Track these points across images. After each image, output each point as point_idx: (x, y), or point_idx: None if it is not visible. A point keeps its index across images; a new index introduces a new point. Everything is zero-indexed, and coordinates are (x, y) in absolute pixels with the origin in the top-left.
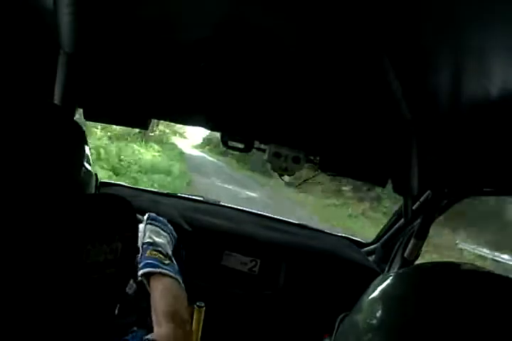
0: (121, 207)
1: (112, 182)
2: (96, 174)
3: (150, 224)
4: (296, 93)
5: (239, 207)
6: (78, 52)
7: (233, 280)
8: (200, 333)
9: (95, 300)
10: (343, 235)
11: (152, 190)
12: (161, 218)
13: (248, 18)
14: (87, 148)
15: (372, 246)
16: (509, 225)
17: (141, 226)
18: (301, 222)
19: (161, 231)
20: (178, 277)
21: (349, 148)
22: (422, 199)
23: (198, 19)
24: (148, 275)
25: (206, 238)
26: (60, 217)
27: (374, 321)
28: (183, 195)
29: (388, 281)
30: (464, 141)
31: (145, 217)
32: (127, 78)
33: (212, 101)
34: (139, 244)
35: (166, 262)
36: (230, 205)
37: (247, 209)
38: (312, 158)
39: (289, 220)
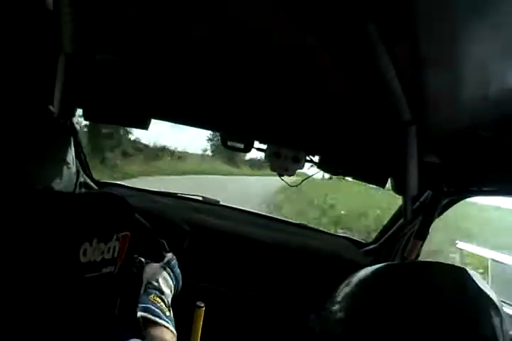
0: (120, 206)
1: (111, 182)
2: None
3: (165, 270)
4: (296, 93)
5: (239, 207)
6: (78, 52)
7: (233, 280)
8: (199, 333)
9: (92, 300)
10: (343, 235)
11: (151, 189)
12: (177, 269)
13: (246, 19)
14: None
15: (371, 246)
16: None
17: (154, 265)
18: (301, 222)
19: (170, 282)
20: (175, 331)
21: (349, 148)
22: (422, 199)
23: (198, 19)
24: (146, 321)
25: (206, 238)
26: (56, 215)
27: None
28: (182, 195)
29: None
30: (464, 140)
31: (168, 256)
32: (127, 78)
33: (212, 101)
34: (144, 280)
35: (167, 314)
36: (229, 205)
37: (246, 209)
38: (312, 157)
39: (289, 220)
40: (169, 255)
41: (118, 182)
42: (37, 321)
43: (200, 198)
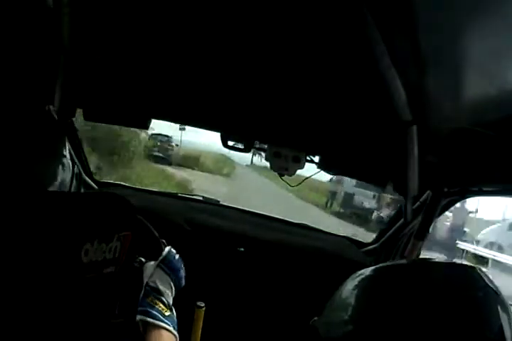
0: (121, 206)
1: (112, 182)
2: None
3: (161, 268)
4: (296, 93)
5: (239, 207)
6: (78, 52)
7: (233, 280)
8: (200, 333)
9: (93, 300)
10: (343, 235)
11: (152, 189)
12: (176, 262)
13: (245, 19)
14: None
15: (371, 246)
16: None
17: (151, 263)
18: (301, 222)
19: (168, 279)
20: (175, 331)
21: (349, 148)
22: (422, 199)
23: (197, 18)
24: (146, 324)
25: (206, 238)
26: (58, 216)
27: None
28: (182, 195)
29: (356, 283)
30: (464, 140)
31: (163, 253)
32: (127, 78)
33: (213, 101)
34: (144, 282)
35: (167, 314)
36: (229, 205)
37: (247, 209)
38: (312, 157)
39: (289, 220)
40: (166, 249)
41: (118, 182)
42: (38, 321)
43: (201, 198)
